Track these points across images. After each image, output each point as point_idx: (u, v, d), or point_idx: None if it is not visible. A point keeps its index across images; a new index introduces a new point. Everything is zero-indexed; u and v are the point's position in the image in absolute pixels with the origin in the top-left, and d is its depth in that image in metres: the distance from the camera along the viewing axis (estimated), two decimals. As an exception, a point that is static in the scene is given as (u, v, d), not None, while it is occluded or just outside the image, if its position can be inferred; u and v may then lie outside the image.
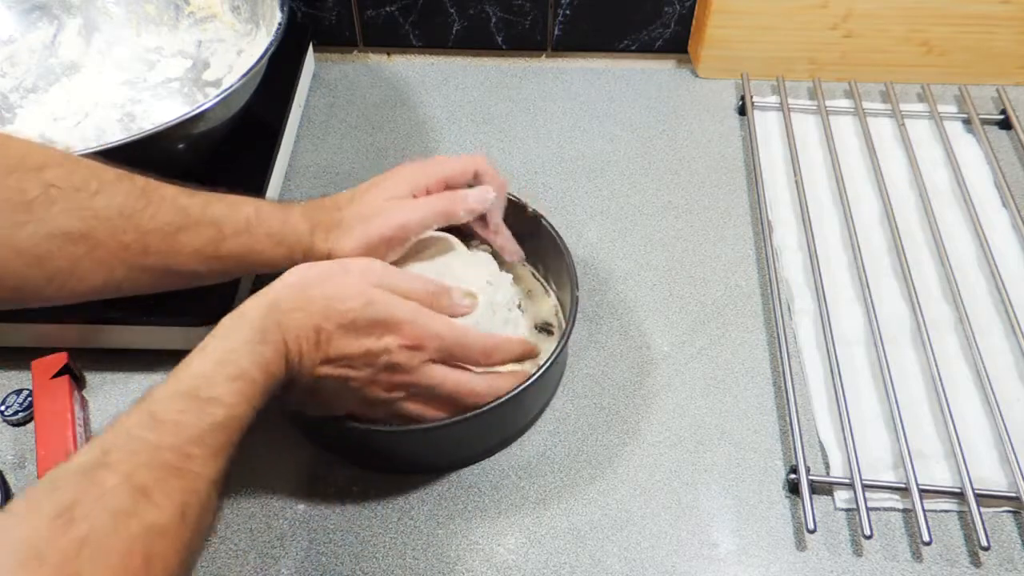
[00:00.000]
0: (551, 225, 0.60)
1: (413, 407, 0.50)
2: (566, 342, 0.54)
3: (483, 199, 0.55)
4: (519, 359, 0.54)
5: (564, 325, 0.57)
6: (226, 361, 0.41)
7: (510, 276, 0.58)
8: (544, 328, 0.61)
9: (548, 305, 0.63)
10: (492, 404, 0.51)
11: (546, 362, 0.53)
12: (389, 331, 0.47)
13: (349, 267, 0.48)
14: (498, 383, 0.51)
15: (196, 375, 0.40)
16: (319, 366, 0.46)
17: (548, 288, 0.63)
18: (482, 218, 0.57)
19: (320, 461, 0.56)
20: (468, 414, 0.50)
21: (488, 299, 0.53)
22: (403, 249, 0.53)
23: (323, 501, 0.55)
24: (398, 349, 0.47)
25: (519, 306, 0.58)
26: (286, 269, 0.48)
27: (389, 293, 0.47)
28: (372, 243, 0.52)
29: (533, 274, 0.64)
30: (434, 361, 0.49)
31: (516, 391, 0.51)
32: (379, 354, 0.47)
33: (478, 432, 0.55)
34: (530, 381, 0.52)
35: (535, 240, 0.61)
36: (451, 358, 0.49)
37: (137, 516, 0.34)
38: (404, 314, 0.47)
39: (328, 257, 0.51)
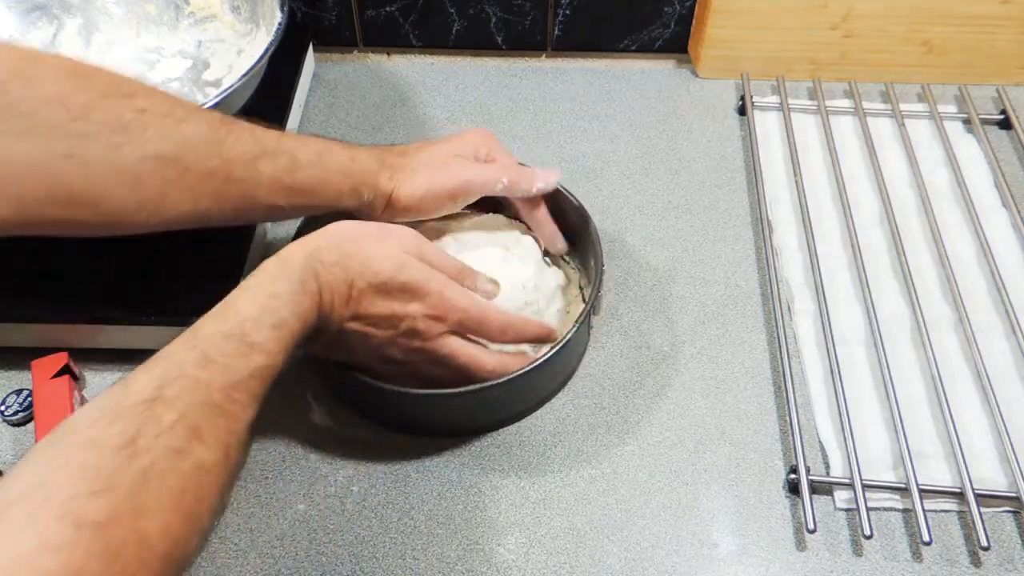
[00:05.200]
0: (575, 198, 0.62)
1: (426, 371, 0.52)
2: (584, 319, 0.55)
3: (550, 180, 0.59)
4: (533, 341, 0.56)
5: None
6: (269, 308, 0.43)
7: (556, 272, 0.61)
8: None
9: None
10: (512, 376, 0.53)
11: (563, 338, 0.54)
12: (415, 298, 0.49)
13: (389, 231, 0.50)
14: (508, 362, 0.53)
15: (243, 317, 0.42)
16: (347, 321, 0.48)
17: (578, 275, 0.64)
18: (529, 203, 0.60)
19: (322, 460, 0.56)
20: (486, 383, 0.52)
21: (520, 283, 0.56)
22: (461, 204, 0.57)
23: (323, 501, 0.55)
24: (421, 317, 0.49)
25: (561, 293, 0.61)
26: (351, 207, 0.52)
27: (421, 263, 0.50)
28: (435, 190, 0.55)
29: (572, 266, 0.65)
30: (452, 333, 0.51)
31: (526, 369, 0.53)
32: (402, 318, 0.49)
33: (498, 399, 0.56)
34: (541, 359, 0.53)
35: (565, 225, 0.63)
36: (469, 332, 0.52)
37: (190, 455, 0.36)
38: (432, 284, 0.49)
39: (391, 197, 0.53)
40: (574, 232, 0.63)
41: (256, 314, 0.42)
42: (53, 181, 0.44)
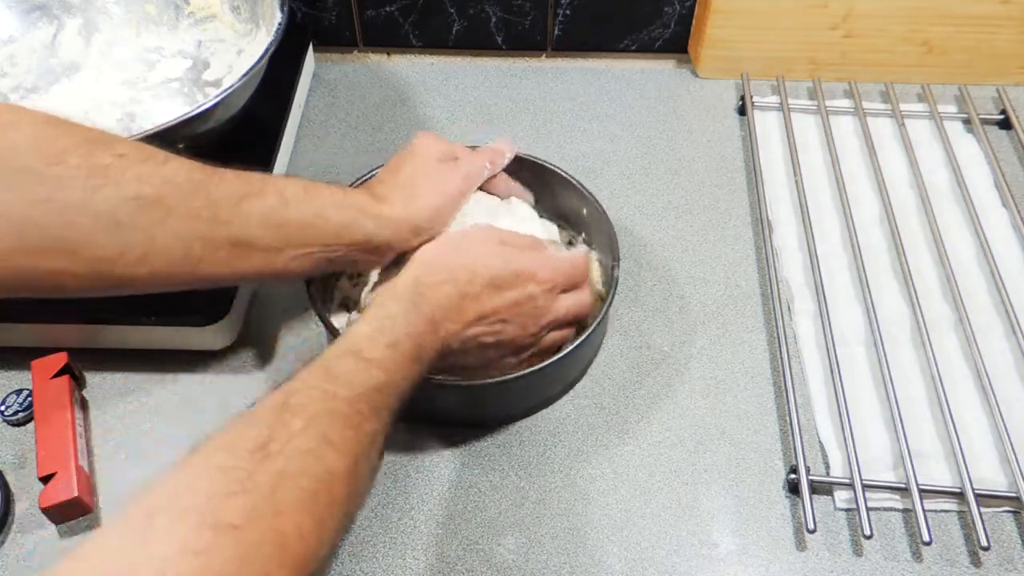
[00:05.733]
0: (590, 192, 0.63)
1: (551, 338, 0.55)
2: (608, 305, 0.57)
3: (512, 147, 0.61)
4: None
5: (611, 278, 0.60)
6: (384, 328, 0.45)
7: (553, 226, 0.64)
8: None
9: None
10: (562, 354, 0.55)
11: (592, 324, 0.56)
12: (529, 279, 0.52)
13: (469, 234, 0.54)
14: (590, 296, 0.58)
15: (360, 337, 0.44)
16: (467, 328, 0.50)
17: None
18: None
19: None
20: (514, 375, 0.54)
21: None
22: (465, 202, 0.58)
23: (323, 501, 0.55)
24: (540, 293, 0.52)
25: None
26: (358, 243, 0.51)
27: (512, 247, 0.53)
28: (446, 198, 0.56)
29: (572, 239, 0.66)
30: (559, 293, 0.54)
31: (555, 359, 0.55)
32: (525, 301, 0.52)
33: (524, 387, 0.58)
34: (571, 349, 0.55)
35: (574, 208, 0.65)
36: (570, 286, 0.55)
37: (322, 460, 0.37)
38: (535, 261, 0.53)
39: (405, 221, 0.53)
40: (587, 224, 0.64)
41: (371, 333, 0.44)
42: (29, 228, 0.42)
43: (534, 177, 0.64)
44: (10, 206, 0.42)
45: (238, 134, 0.65)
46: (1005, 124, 0.77)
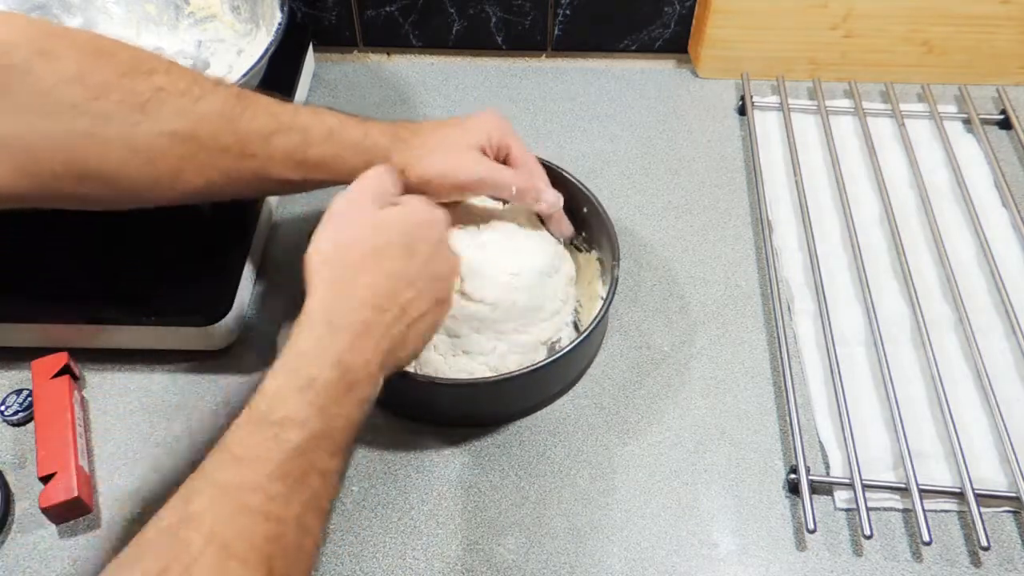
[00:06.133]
0: (596, 198, 0.63)
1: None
2: (608, 303, 0.57)
3: (554, 204, 0.59)
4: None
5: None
6: (293, 371, 0.40)
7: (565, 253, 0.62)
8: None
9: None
10: (555, 356, 0.54)
11: (605, 304, 0.56)
12: (431, 224, 0.48)
13: (346, 206, 0.47)
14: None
15: (266, 395, 0.39)
16: (405, 309, 0.45)
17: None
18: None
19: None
20: (512, 373, 0.54)
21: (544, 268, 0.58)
22: (466, 197, 0.58)
23: (323, 501, 0.55)
24: (442, 221, 0.49)
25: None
26: None
27: (392, 207, 0.48)
28: (447, 179, 0.54)
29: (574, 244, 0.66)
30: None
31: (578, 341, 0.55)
32: (439, 239, 0.48)
33: (543, 380, 0.58)
34: (593, 324, 0.55)
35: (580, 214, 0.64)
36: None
37: None
38: (418, 209, 0.48)
39: (403, 171, 0.52)
40: (587, 224, 0.64)
41: (277, 386, 0.39)
42: (71, 158, 0.44)
43: None
44: (55, 139, 0.43)
45: (238, 134, 0.65)
46: (1005, 124, 0.77)
